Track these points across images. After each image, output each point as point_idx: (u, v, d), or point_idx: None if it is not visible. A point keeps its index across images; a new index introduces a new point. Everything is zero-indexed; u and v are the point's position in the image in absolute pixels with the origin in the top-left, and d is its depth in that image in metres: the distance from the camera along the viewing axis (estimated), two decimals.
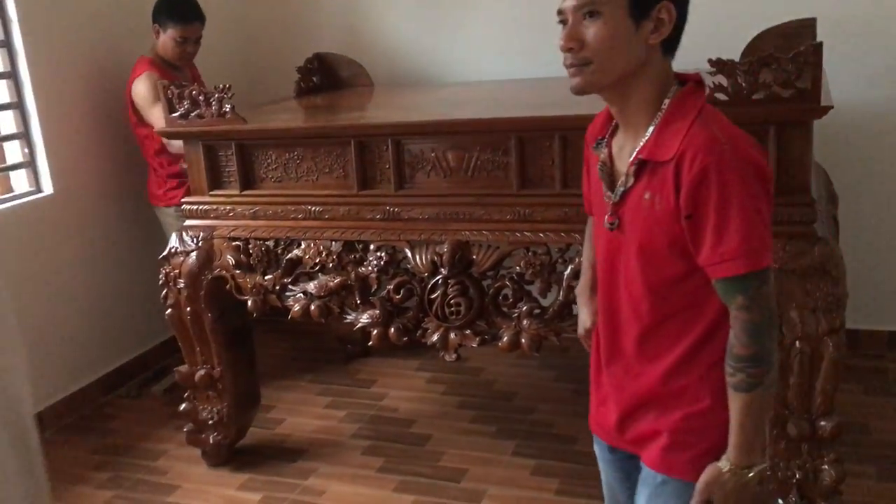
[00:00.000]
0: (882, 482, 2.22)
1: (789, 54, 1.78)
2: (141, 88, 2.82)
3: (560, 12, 1.23)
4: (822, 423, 1.91)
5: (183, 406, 2.56)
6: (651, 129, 1.22)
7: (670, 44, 1.24)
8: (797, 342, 1.87)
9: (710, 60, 1.82)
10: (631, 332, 1.31)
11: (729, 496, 1.23)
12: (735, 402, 1.20)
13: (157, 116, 2.79)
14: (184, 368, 2.53)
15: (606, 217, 1.30)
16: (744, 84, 1.81)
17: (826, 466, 1.94)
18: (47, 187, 2.88)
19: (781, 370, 1.89)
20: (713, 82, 1.83)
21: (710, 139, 1.16)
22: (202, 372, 2.49)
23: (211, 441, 2.55)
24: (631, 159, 1.24)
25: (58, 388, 2.92)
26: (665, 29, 1.20)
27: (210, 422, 2.53)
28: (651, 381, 1.30)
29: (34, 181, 2.88)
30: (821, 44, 1.76)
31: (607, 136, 1.32)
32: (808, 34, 2.52)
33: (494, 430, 2.67)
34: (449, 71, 3.22)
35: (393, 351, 3.26)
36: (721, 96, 1.83)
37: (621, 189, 1.26)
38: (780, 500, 2.01)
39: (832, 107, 1.79)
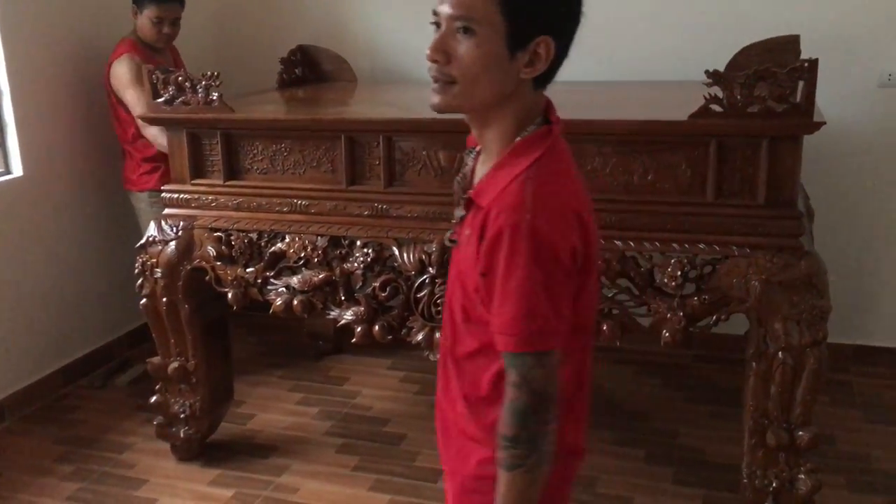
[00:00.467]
0: (853, 493, 2.27)
1: (784, 69, 1.80)
2: (119, 70, 2.75)
3: (435, 13, 1.14)
4: (801, 432, 1.95)
5: (153, 398, 2.51)
6: (491, 166, 1.15)
7: (543, 78, 1.15)
8: (780, 353, 1.90)
9: (707, 72, 1.84)
10: (449, 356, 1.24)
11: None
12: (500, 475, 1.12)
13: (132, 99, 2.73)
14: (156, 360, 2.47)
15: (449, 232, 1.25)
16: (739, 97, 1.83)
17: (802, 475, 1.98)
18: (17, 169, 2.79)
19: (763, 380, 1.94)
20: (709, 94, 1.85)
21: (517, 201, 1.08)
22: (176, 364, 2.44)
23: (182, 435, 2.50)
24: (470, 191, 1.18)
25: (20, 376, 2.83)
26: (540, 65, 1.11)
27: (182, 415, 2.48)
28: (457, 416, 1.23)
29: (3, 162, 2.79)
30: (816, 60, 1.80)
31: (478, 149, 1.24)
32: (793, 50, 2.57)
33: None
34: None
35: (365, 349, 3.25)
36: (716, 108, 1.85)
37: (460, 214, 1.21)
38: None
39: (825, 122, 1.83)
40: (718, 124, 1.86)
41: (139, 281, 2.40)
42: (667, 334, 1.95)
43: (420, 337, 2.16)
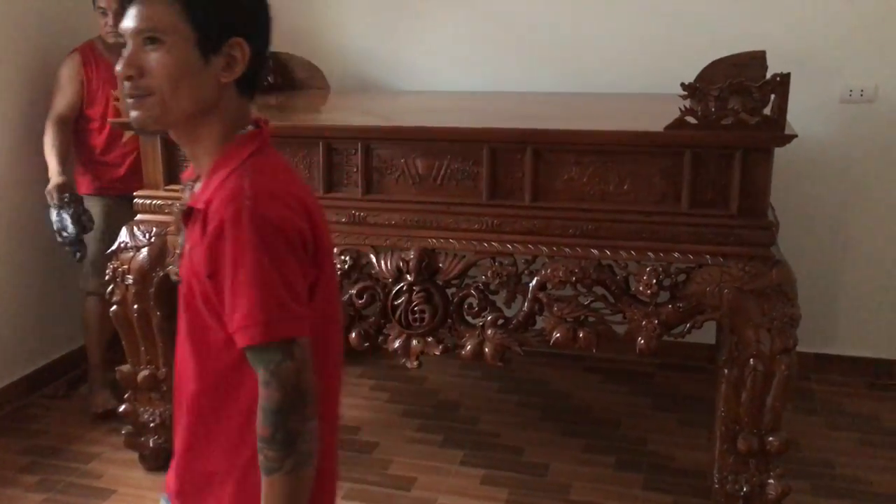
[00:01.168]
0: (818, 497, 2.32)
1: (757, 83, 1.86)
2: (59, 69, 2.74)
3: (120, 34, 1.12)
4: (771, 438, 1.99)
5: (122, 407, 2.46)
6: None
7: (247, 83, 1.13)
8: (751, 360, 1.95)
9: (682, 85, 1.88)
10: (184, 398, 1.16)
11: None
12: (262, 482, 1.07)
13: (56, 100, 2.73)
14: (125, 368, 2.43)
15: (173, 267, 1.21)
16: (713, 109, 1.88)
17: (772, 480, 2.02)
18: None
19: (735, 387, 1.99)
20: (683, 106, 1.89)
21: (235, 191, 1.04)
22: (146, 372, 2.40)
23: (151, 444, 2.46)
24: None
25: None
26: (238, 67, 1.10)
27: (151, 424, 2.44)
28: (208, 456, 1.15)
29: None
30: (788, 74, 1.85)
31: (195, 179, 1.19)
32: (759, 65, 2.63)
33: (441, 439, 2.66)
34: (404, 79, 3.22)
35: None
36: (691, 120, 1.89)
37: (181, 239, 1.17)
38: None
39: (796, 135, 1.88)
40: (693, 136, 1.91)
41: (109, 288, 2.36)
42: (642, 341, 1.98)
43: (397, 344, 2.16)
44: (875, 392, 2.95)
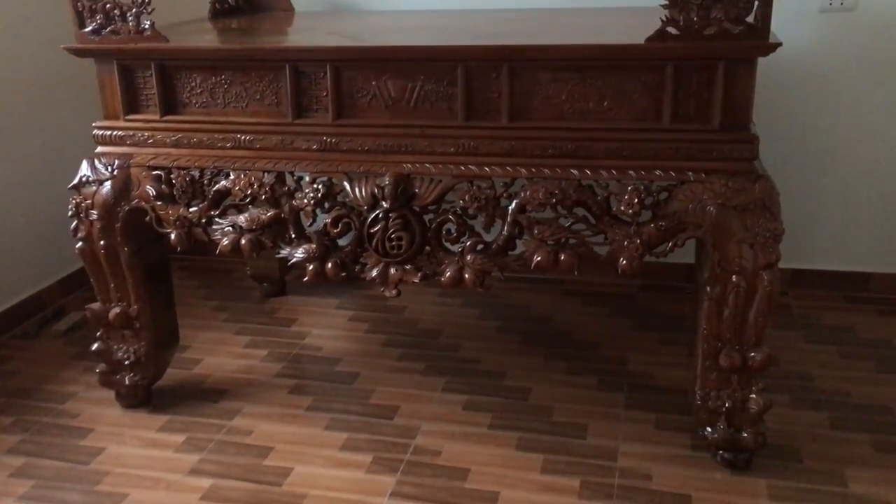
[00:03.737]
0: (797, 410, 2.35)
1: None
2: None
3: None
4: (753, 353, 1.99)
5: (95, 346, 2.41)
6: None
7: None
8: (734, 276, 1.93)
9: None
10: None
11: None
12: None
13: None
14: (96, 306, 2.37)
15: None
16: (696, 18, 1.81)
17: (754, 395, 2.03)
18: None
19: (717, 304, 1.97)
20: (665, 16, 1.82)
21: None
22: (117, 310, 2.34)
23: (127, 382, 2.42)
24: None
25: None
26: None
27: (126, 362, 2.39)
28: None
29: None
30: None
31: None
32: None
33: (423, 367, 2.65)
34: (372, 0, 3.09)
35: (311, 290, 3.20)
36: (673, 30, 1.82)
37: None
38: (708, 429, 2.10)
39: (781, 44, 1.82)
40: (675, 47, 1.84)
41: (73, 224, 2.27)
42: (624, 262, 1.95)
43: (374, 273, 2.11)
44: (852, 305, 2.98)
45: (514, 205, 2.01)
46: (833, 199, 3.01)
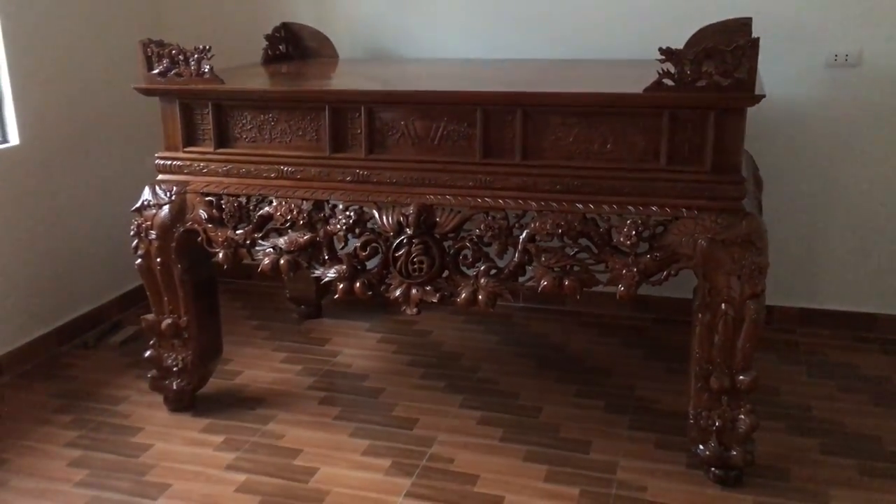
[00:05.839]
0: (791, 435, 2.49)
1: (730, 47, 2.00)
2: None
3: None
4: (741, 377, 2.16)
5: (147, 353, 2.67)
6: None
7: None
8: (723, 305, 2.11)
9: (660, 49, 2.03)
10: None
11: None
12: None
13: None
14: (150, 317, 2.63)
15: None
16: (689, 72, 2.02)
17: (742, 416, 2.19)
18: (13, 137, 2.93)
19: (708, 330, 2.15)
20: (661, 69, 2.04)
21: None
22: (169, 320, 2.60)
23: (174, 387, 2.67)
24: None
25: (15, 335, 2.98)
26: None
27: (174, 368, 2.65)
28: None
29: (0, 131, 2.92)
30: (757, 39, 1.99)
31: None
32: (745, 31, 2.76)
33: (443, 385, 2.86)
34: (409, 48, 3.37)
35: (344, 312, 3.44)
36: (668, 82, 2.04)
37: None
38: (700, 447, 2.26)
39: (764, 96, 2.02)
40: (670, 97, 2.05)
41: (134, 242, 2.55)
42: (622, 288, 2.15)
43: (398, 293, 2.34)
44: (858, 344, 3.11)
45: (524, 234, 2.23)
46: (842, 243, 3.16)
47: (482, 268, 2.27)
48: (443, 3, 3.31)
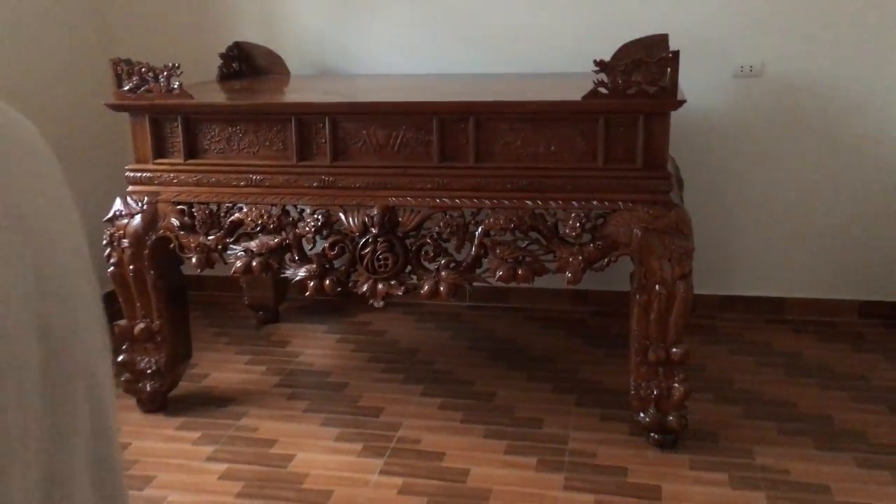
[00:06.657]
0: (718, 404, 2.79)
1: (654, 59, 2.29)
2: None
3: None
4: (675, 349, 2.44)
5: (120, 358, 2.79)
6: None
7: None
8: (657, 286, 2.39)
9: (595, 62, 2.31)
10: None
11: None
12: None
13: None
14: (123, 323, 2.76)
15: None
16: (620, 81, 2.31)
17: (676, 384, 2.47)
18: None
19: (645, 309, 2.43)
20: (596, 79, 2.32)
21: None
22: (142, 325, 2.73)
23: (148, 389, 2.79)
24: None
25: None
26: None
27: (148, 371, 2.78)
28: None
29: None
30: (678, 52, 2.29)
31: None
32: (663, 45, 3.08)
33: (402, 377, 3.06)
34: (356, 65, 3.58)
35: (302, 316, 3.61)
36: (603, 91, 2.32)
37: None
38: (640, 414, 2.53)
39: (685, 101, 2.33)
40: (605, 104, 2.33)
41: (107, 251, 2.68)
42: (569, 274, 2.41)
43: (365, 287, 2.54)
44: (769, 325, 3.46)
45: (480, 230, 2.46)
46: (753, 235, 3.52)
47: (442, 262, 2.50)
48: (388, 22, 3.54)
